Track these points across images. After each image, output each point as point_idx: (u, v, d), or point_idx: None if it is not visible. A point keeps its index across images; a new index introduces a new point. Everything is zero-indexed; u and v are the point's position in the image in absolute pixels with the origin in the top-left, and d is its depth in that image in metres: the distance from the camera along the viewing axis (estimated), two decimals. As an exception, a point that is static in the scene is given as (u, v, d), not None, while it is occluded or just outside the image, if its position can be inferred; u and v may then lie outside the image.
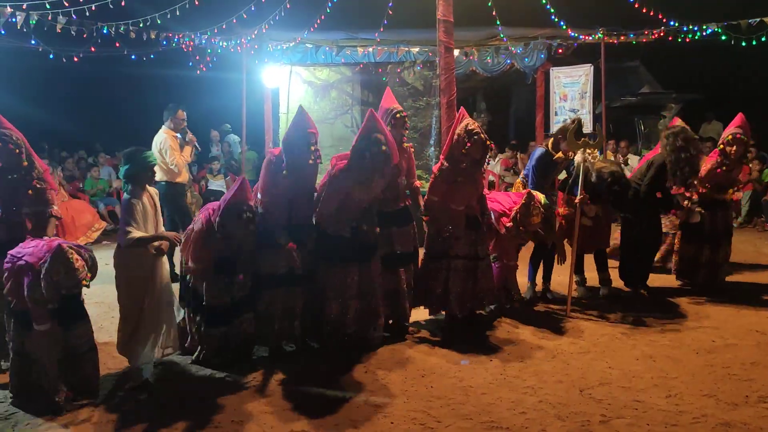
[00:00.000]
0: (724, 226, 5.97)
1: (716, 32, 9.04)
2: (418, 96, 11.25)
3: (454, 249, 4.83)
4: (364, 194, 4.34)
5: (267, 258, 4.36)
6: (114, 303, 5.88)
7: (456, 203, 4.75)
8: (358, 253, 4.50)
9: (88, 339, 3.83)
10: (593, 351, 4.39)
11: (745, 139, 5.68)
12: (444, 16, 6.12)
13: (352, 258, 4.47)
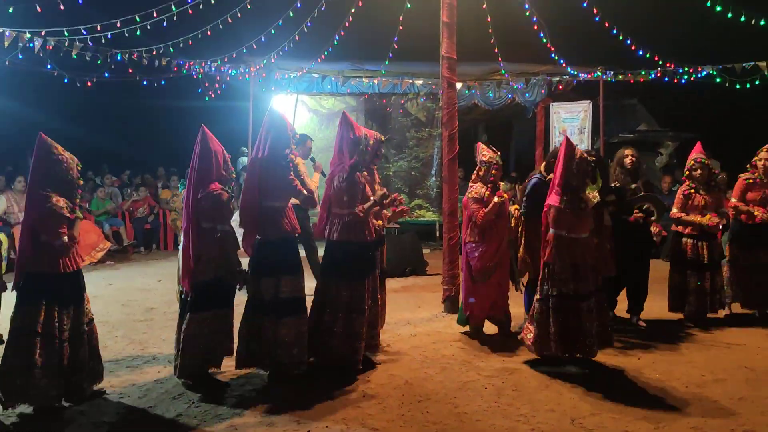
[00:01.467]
0: (710, 253, 6.04)
1: (711, 74, 9.33)
2: (420, 127, 11.54)
3: (585, 285, 4.74)
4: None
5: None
6: (117, 322, 6.06)
7: (582, 231, 4.79)
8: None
9: None
10: (585, 382, 4.50)
11: (707, 162, 5.93)
12: (447, 53, 6.34)
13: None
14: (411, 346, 5.35)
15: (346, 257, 4.69)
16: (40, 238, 3.90)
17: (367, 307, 4.70)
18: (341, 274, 4.69)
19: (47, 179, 3.96)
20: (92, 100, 10.71)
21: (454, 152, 6.32)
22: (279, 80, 10.57)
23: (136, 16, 6.98)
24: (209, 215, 4.30)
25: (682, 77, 9.78)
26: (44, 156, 3.99)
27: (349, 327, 4.63)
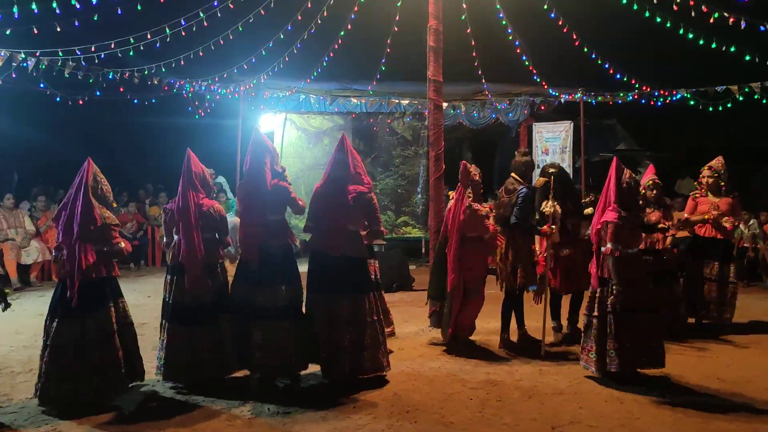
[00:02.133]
0: (666, 265, 6.32)
1: (685, 97, 9.68)
2: (407, 145, 11.77)
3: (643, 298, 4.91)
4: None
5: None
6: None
7: (637, 246, 5.00)
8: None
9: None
10: (566, 392, 4.70)
11: (660, 184, 6.36)
12: (434, 76, 6.58)
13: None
14: (399, 359, 5.51)
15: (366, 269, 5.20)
16: (103, 248, 4.53)
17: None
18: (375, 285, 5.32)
19: (96, 198, 4.59)
20: (83, 118, 10.81)
21: (441, 171, 6.55)
22: (268, 99, 10.76)
23: (130, 38, 7.15)
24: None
25: (658, 99, 10.14)
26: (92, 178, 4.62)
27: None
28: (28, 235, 9.25)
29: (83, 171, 4.62)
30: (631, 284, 4.86)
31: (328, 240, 4.86)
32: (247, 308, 4.75)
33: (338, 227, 4.85)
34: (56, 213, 4.67)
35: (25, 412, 4.29)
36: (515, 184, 5.88)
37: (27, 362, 5.41)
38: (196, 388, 4.69)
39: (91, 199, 4.54)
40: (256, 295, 4.74)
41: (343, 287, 4.82)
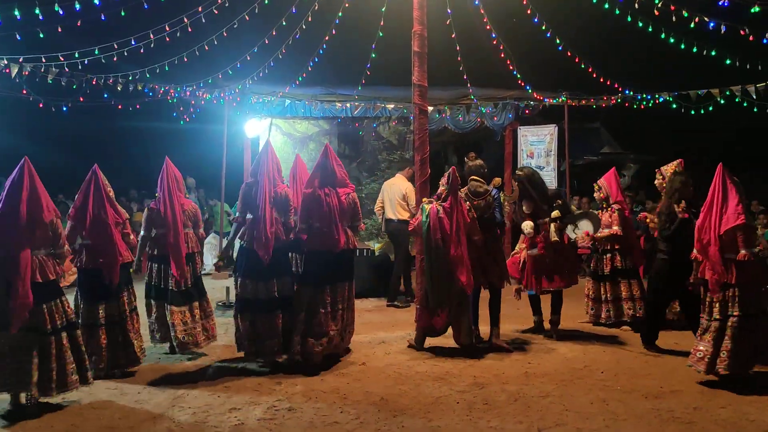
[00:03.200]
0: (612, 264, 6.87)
1: (668, 101, 9.80)
2: (392, 150, 11.78)
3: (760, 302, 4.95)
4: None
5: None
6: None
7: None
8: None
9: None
10: (552, 395, 4.73)
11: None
12: (419, 81, 6.59)
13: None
14: (386, 363, 5.53)
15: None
16: (129, 239, 5.46)
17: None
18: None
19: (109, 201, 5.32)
20: (67, 124, 10.73)
21: (426, 176, 6.55)
22: (253, 104, 10.73)
23: (114, 43, 7.12)
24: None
25: (641, 103, 10.25)
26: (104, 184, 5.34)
27: None
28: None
29: (96, 176, 5.28)
30: (753, 287, 4.91)
31: (328, 239, 5.44)
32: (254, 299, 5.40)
33: (337, 227, 5.46)
34: (73, 214, 5.21)
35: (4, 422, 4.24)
36: (483, 186, 6.14)
37: None
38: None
39: (109, 199, 5.32)
40: (261, 287, 5.40)
41: (342, 276, 5.60)
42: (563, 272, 6.35)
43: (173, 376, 5.22)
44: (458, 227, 5.67)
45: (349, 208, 5.60)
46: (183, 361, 5.71)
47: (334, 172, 5.58)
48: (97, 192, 5.23)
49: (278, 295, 5.42)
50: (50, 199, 4.65)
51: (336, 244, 5.43)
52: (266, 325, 5.37)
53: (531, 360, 5.65)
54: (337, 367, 5.44)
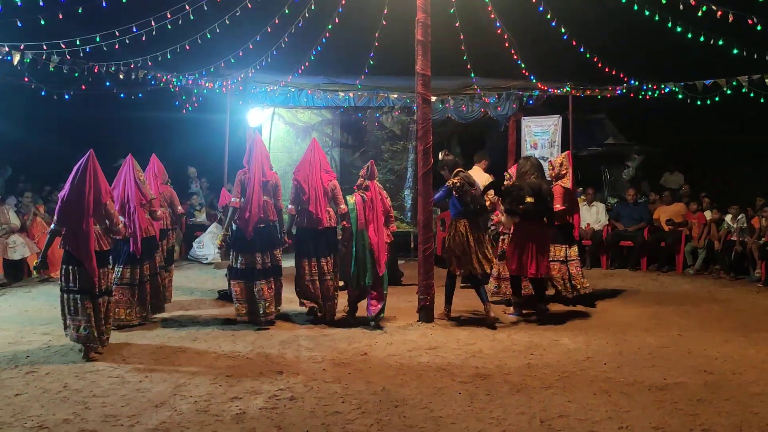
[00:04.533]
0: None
1: (674, 91, 9.70)
2: (395, 140, 11.73)
3: None
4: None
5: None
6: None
7: None
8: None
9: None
10: (555, 386, 4.71)
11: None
12: (422, 70, 6.54)
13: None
14: (387, 354, 5.51)
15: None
16: (156, 215, 6.64)
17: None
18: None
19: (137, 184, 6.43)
20: (69, 112, 10.69)
21: (429, 165, 6.52)
22: (255, 93, 10.69)
23: (115, 31, 7.06)
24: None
25: (646, 93, 10.16)
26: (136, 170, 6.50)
27: None
28: (10, 228, 9.15)
29: (128, 163, 6.43)
30: None
31: (315, 218, 6.52)
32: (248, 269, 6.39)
33: (320, 208, 6.53)
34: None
35: (9, 409, 4.23)
36: (470, 177, 6.71)
37: (12, 359, 5.34)
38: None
39: (138, 182, 6.40)
40: (254, 258, 6.37)
41: (327, 249, 6.65)
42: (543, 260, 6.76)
43: (175, 360, 5.21)
44: (377, 214, 6.59)
45: (330, 192, 6.64)
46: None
47: (319, 164, 6.66)
48: (126, 177, 6.40)
49: (270, 265, 6.44)
50: (108, 185, 5.66)
51: (319, 222, 6.51)
52: (255, 290, 6.36)
53: (533, 351, 5.63)
54: (338, 357, 5.43)
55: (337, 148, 11.63)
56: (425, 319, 6.56)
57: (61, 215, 5.40)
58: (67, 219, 5.38)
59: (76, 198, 5.33)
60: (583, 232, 10.62)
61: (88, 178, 5.37)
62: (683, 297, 8.27)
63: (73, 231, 5.32)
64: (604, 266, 10.66)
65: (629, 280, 9.61)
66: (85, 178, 5.36)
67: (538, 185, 6.71)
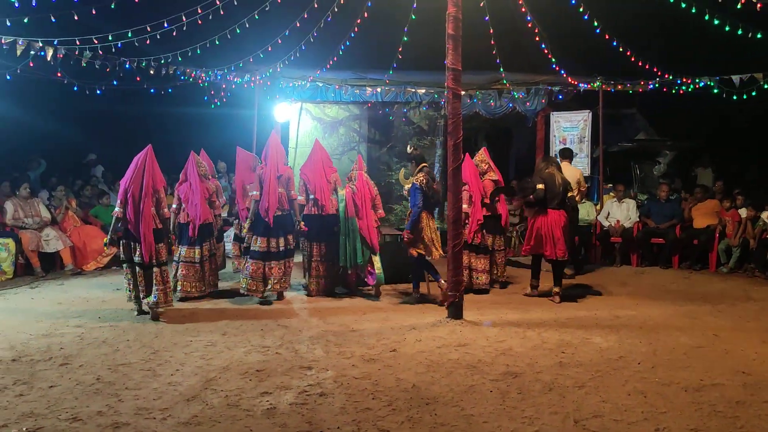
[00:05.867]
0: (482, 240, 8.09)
1: (709, 85, 9.48)
2: (423, 135, 11.67)
3: None
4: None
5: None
6: (128, 326, 6.16)
7: None
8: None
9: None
10: (588, 385, 4.63)
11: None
12: (453, 64, 6.47)
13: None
14: (417, 350, 5.47)
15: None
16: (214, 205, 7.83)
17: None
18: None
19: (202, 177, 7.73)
20: (100, 107, 10.82)
21: (459, 161, 6.45)
22: (283, 88, 10.70)
23: (147, 26, 7.11)
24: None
25: (680, 88, 9.95)
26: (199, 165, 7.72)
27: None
28: (43, 221, 9.31)
29: (191, 159, 7.61)
30: None
31: (322, 205, 7.63)
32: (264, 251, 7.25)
33: (328, 196, 7.67)
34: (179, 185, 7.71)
35: (44, 401, 4.29)
36: (431, 173, 7.51)
37: (47, 350, 5.41)
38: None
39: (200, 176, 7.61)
40: (270, 242, 7.25)
41: (331, 234, 7.71)
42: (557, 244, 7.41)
43: (205, 354, 5.23)
44: (365, 202, 7.67)
45: (333, 184, 7.79)
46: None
47: (322, 160, 7.80)
48: (192, 171, 7.58)
49: (284, 249, 7.31)
50: (161, 174, 6.71)
51: (323, 208, 7.61)
52: (268, 270, 7.24)
53: (565, 350, 5.54)
54: (367, 353, 5.41)
55: (364, 144, 11.60)
56: (454, 316, 6.51)
57: (124, 199, 6.43)
58: (128, 202, 6.40)
59: (137, 184, 6.42)
60: (612, 229, 10.46)
61: (147, 168, 6.47)
62: (717, 296, 8.09)
63: (133, 212, 6.38)
64: (634, 264, 10.48)
65: (661, 278, 9.44)
66: (144, 168, 6.46)
67: (551, 174, 7.48)
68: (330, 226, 7.66)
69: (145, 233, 6.39)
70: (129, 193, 6.41)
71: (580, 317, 6.80)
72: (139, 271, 6.50)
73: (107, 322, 6.42)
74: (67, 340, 5.77)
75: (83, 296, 7.73)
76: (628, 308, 7.28)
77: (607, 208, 10.74)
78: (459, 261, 6.53)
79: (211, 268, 7.76)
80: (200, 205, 7.45)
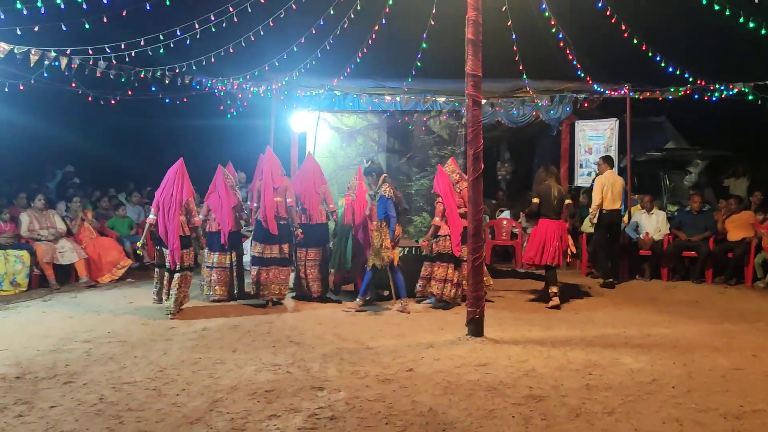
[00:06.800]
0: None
1: (743, 92, 9.08)
2: (443, 145, 11.39)
3: None
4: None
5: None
6: (137, 342, 5.98)
7: None
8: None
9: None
10: (618, 411, 4.31)
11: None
12: (473, 71, 6.21)
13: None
14: (434, 370, 5.19)
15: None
16: (243, 215, 8.40)
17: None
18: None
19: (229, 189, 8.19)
20: (115, 118, 10.77)
21: (479, 171, 6.18)
22: (300, 97, 10.53)
23: (160, 35, 6.98)
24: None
25: (712, 94, 9.56)
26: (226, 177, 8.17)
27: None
28: (58, 233, 9.21)
29: (219, 172, 8.08)
30: None
31: (310, 214, 8.09)
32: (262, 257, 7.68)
33: (316, 206, 8.14)
34: (208, 196, 8.14)
35: (43, 422, 4.08)
36: (394, 184, 7.78)
37: (52, 367, 5.23)
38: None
39: (228, 188, 8.04)
40: (266, 248, 7.68)
41: (315, 242, 8.13)
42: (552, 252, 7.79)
43: (214, 372, 5.01)
44: (361, 213, 7.84)
45: (322, 195, 8.23)
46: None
47: (313, 171, 8.29)
48: (219, 183, 8.04)
49: (279, 255, 7.69)
50: (191, 185, 7.25)
51: (310, 218, 8.07)
52: (266, 274, 7.65)
53: (592, 371, 5.21)
54: (382, 372, 5.14)
55: (383, 153, 11.35)
56: (474, 333, 6.21)
57: (157, 208, 7.07)
58: (160, 211, 7.02)
59: (169, 194, 7.04)
60: (641, 241, 10.07)
61: (178, 179, 7.11)
62: (755, 313, 7.66)
63: (165, 220, 6.98)
64: (665, 278, 10.05)
65: (693, 293, 9.02)
66: (175, 179, 7.10)
67: (548, 186, 7.92)
68: (317, 234, 8.11)
69: (172, 240, 6.97)
70: (161, 202, 7.06)
71: (608, 335, 6.46)
72: (166, 274, 7.16)
73: (117, 338, 6.24)
74: (73, 356, 5.60)
75: (95, 310, 7.58)
76: (660, 326, 6.90)
77: (636, 220, 10.36)
78: (480, 275, 6.24)
79: (239, 273, 8.26)
80: (229, 214, 7.99)
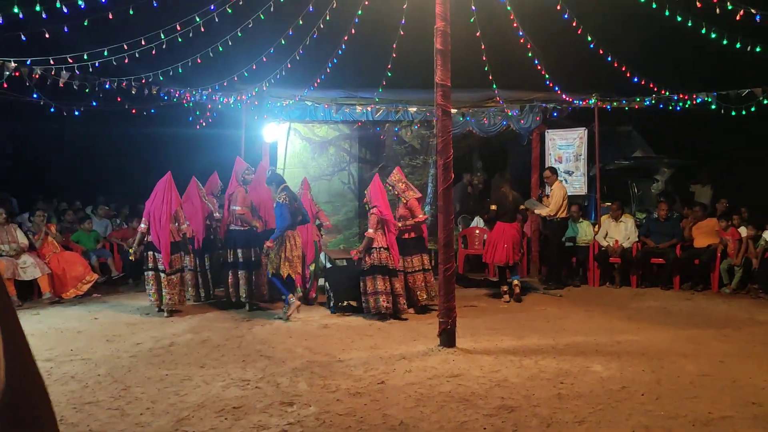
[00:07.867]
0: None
1: (706, 101, 9.26)
2: (415, 154, 11.41)
3: None
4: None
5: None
6: (101, 359, 5.81)
7: None
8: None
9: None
10: (589, 420, 4.30)
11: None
12: (442, 81, 6.21)
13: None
14: (406, 382, 5.14)
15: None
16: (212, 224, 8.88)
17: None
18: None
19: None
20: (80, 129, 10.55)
21: (449, 181, 6.17)
22: (271, 108, 10.45)
23: (123, 44, 6.85)
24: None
25: (677, 104, 9.73)
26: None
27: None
28: (20, 247, 8.94)
29: (193, 183, 8.68)
30: None
31: (266, 220, 8.46)
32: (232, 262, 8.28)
33: (271, 213, 8.17)
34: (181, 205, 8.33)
35: None
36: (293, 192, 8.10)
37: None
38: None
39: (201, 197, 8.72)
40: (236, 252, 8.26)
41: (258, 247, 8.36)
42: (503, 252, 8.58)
43: (180, 390, 4.88)
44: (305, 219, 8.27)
45: (316, 212, 8.93)
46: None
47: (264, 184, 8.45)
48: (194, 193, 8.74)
49: (243, 259, 8.18)
50: (179, 195, 7.95)
51: (267, 223, 8.45)
52: (236, 278, 8.18)
53: (563, 380, 5.21)
54: (354, 386, 5.07)
55: (355, 164, 11.33)
56: (447, 344, 6.18)
57: (148, 217, 7.66)
58: (152, 219, 7.62)
59: (159, 205, 7.62)
60: (611, 249, 10.17)
61: (167, 191, 7.68)
62: (721, 319, 7.77)
63: (156, 227, 7.59)
64: (634, 285, 10.16)
65: (662, 299, 9.12)
66: (164, 191, 7.67)
67: (504, 193, 8.72)
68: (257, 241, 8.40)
69: (165, 245, 7.61)
70: (151, 212, 7.67)
71: (578, 343, 6.48)
72: (162, 277, 7.74)
73: (79, 355, 6.06)
74: (34, 375, 5.41)
75: (58, 327, 7.36)
76: (630, 333, 6.96)
77: (605, 228, 10.46)
78: (451, 286, 6.22)
79: (212, 276, 8.92)
80: (202, 222, 8.61)
